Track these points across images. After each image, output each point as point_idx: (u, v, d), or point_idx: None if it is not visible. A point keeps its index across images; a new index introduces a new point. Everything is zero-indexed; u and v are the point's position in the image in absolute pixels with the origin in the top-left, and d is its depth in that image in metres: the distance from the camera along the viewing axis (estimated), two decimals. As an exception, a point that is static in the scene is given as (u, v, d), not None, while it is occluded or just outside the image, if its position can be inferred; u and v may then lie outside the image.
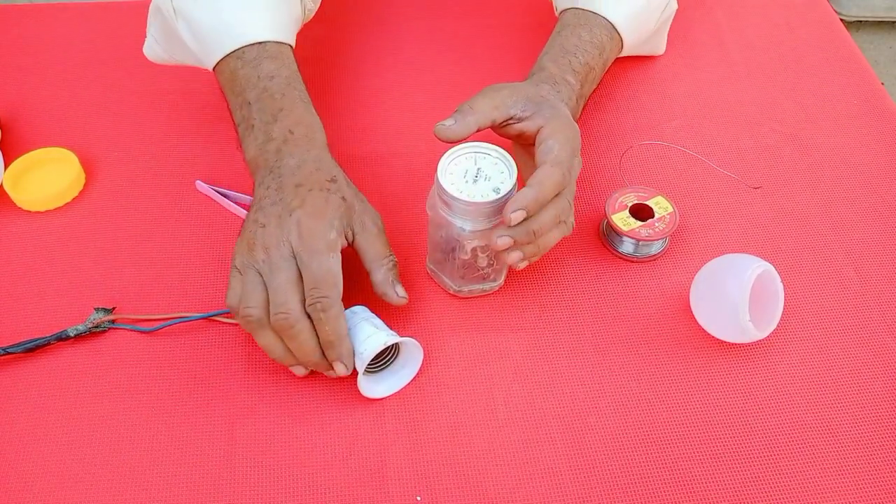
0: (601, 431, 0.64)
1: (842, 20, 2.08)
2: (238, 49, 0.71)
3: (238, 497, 0.60)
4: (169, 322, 0.68)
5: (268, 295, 0.61)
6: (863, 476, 0.62)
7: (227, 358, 0.67)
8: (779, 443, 0.64)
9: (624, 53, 0.84)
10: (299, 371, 0.64)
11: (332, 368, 0.63)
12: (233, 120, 0.73)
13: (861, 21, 2.12)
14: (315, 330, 0.61)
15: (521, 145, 0.71)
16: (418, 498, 0.60)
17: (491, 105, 0.67)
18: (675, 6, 0.87)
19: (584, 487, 0.61)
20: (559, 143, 0.65)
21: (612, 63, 0.83)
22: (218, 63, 0.72)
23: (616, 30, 0.79)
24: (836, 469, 0.62)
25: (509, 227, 0.62)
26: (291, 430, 0.63)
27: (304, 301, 0.61)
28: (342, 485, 0.61)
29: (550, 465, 0.62)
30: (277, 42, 0.72)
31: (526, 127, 0.67)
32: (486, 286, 0.71)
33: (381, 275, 0.66)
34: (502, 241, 0.62)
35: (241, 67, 0.71)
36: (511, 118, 0.68)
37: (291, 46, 0.74)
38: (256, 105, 0.69)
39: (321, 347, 0.62)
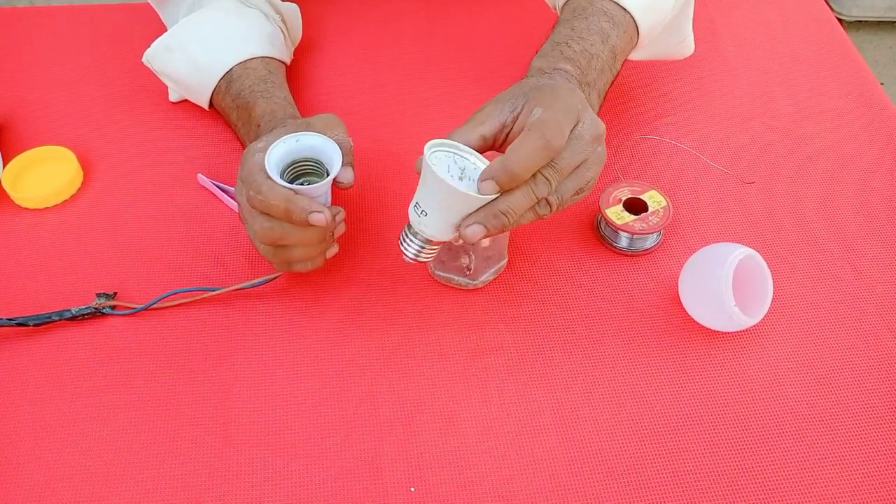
0: (595, 423, 0.64)
1: (842, 21, 2.08)
2: (216, 86, 0.79)
3: (232, 488, 0.60)
4: (164, 296, 0.70)
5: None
6: (856, 466, 0.62)
7: (221, 350, 0.68)
8: (772, 433, 0.64)
9: (642, 52, 0.79)
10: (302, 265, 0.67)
11: (314, 228, 0.63)
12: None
13: (861, 21, 2.12)
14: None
15: None
16: (412, 489, 0.60)
17: (474, 125, 0.60)
18: None
19: (577, 479, 0.61)
20: (544, 107, 0.57)
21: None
22: (210, 103, 0.82)
23: (627, 12, 0.72)
24: (829, 459, 0.62)
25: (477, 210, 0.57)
26: (286, 421, 0.64)
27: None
28: (336, 476, 0.61)
29: (544, 457, 0.62)
30: (242, 62, 0.78)
31: (522, 120, 0.60)
32: (462, 281, 0.71)
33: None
34: (471, 230, 0.57)
35: (222, 99, 0.80)
36: (504, 126, 0.61)
37: (261, 58, 0.80)
38: (239, 123, 0.77)
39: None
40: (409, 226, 0.61)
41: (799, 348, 0.69)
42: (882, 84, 2.01)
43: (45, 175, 0.79)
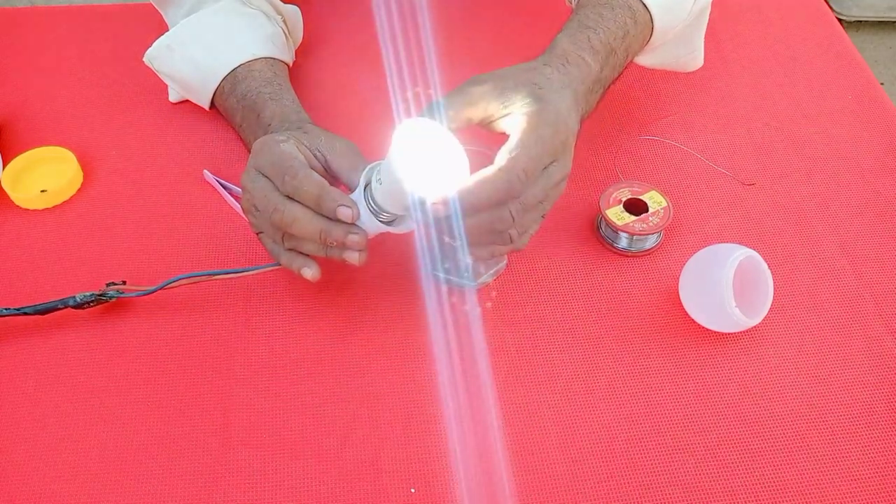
0: (595, 424, 0.64)
1: (842, 21, 2.08)
2: (218, 87, 0.79)
3: (232, 489, 0.60)
4: (173, 280, 0.69)
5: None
6: (857, 466, 0.62)
7: (222, 350, 0.68)
8: (772, 433, 0.64)
9: (651, 58, 0.79)
10: (308, 272, 0.64)
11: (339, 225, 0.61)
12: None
13: (861, 21, 2.12)
14: (305, 206, 0.62)
15: None
16: (413, 490, 0.60)
17: (465, 102, 0.60)
18: None
19: (578, 480, 0.61)
20: (525, 143, 0.57)
21: None
22: (211, 103, 0.82)
23: (647, 9, 0.71)
24: (830, 459, 0.62)
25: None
26: (286, 421, 0.64)
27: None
28: (336, 477, 0.61)
29: (545, 459, 0.62)
30: (245, 63, 0.78)
31: (506, 126, 0.60)
32: (462, 282, 0.71)
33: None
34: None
35: (225, 100, 0.79)
36: (489, 116, 0.60)
37: (264, 58, 0.80)
38: (244, 124, 0.77)
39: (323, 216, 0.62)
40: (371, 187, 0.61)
41: (799, 349, 0.69)
42: (882, 84, 2.01)
43: (45, 176, 0.79)
